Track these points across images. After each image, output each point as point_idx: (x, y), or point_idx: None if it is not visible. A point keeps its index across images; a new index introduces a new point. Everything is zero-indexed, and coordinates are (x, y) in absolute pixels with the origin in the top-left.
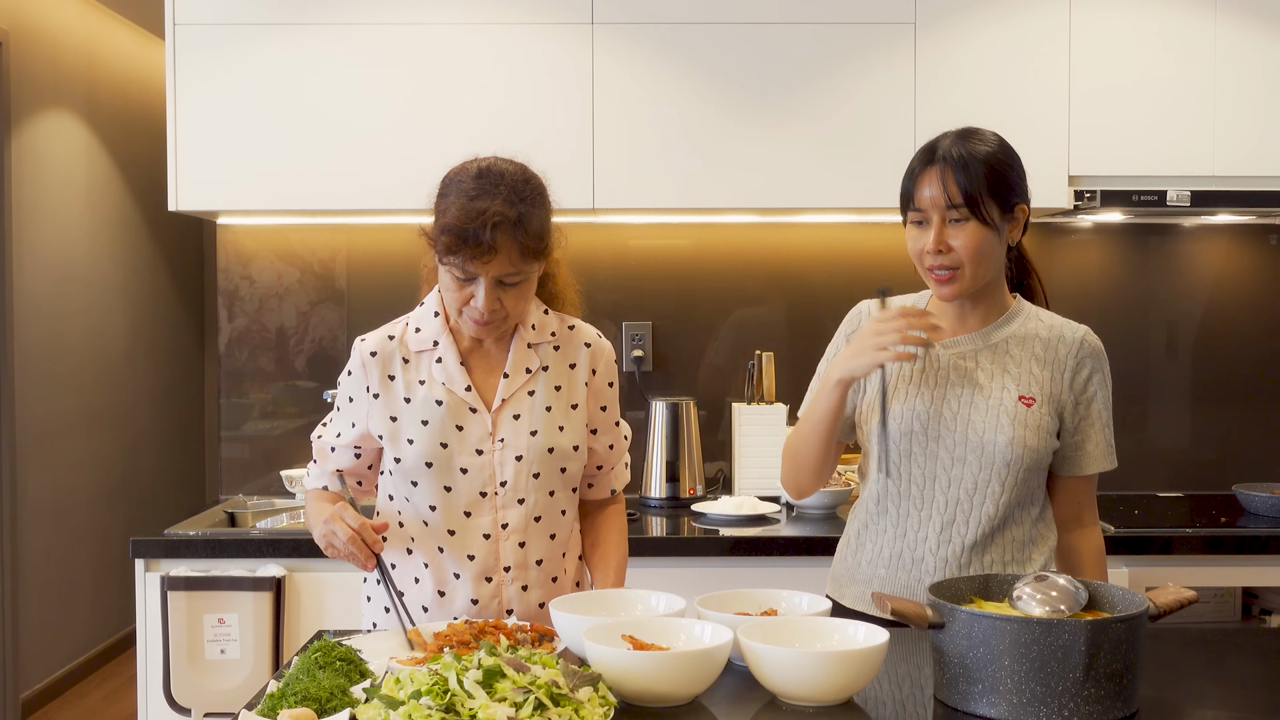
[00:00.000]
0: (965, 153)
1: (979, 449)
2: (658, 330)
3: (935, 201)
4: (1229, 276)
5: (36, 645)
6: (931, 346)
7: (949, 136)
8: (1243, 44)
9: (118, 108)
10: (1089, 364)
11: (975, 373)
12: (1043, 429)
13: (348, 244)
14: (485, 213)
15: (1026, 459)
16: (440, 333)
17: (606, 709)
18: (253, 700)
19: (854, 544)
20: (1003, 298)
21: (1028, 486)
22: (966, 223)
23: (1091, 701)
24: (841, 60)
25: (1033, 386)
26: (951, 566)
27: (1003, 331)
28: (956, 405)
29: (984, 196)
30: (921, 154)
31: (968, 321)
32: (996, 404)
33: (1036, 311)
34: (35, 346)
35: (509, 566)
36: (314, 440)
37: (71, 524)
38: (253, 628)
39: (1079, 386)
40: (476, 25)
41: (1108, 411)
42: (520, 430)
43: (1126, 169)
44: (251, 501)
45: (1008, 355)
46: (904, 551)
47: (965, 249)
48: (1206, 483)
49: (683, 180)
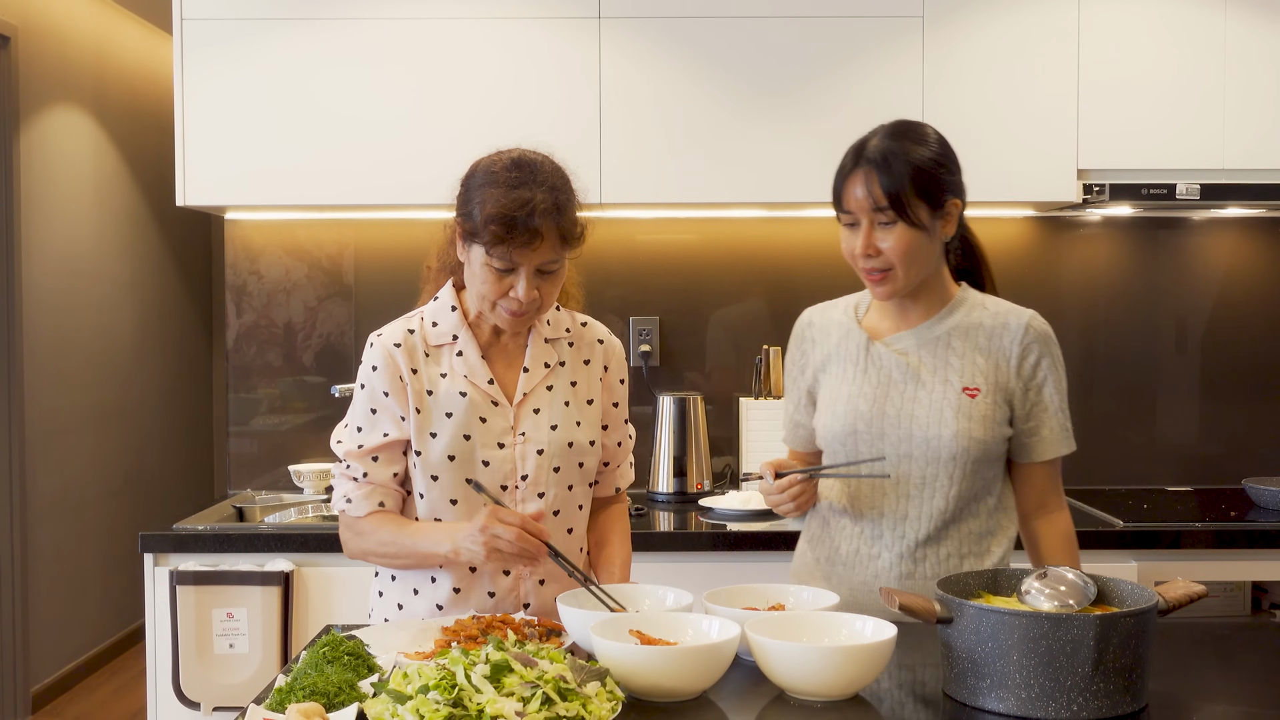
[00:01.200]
0: (891, 154)
1: (924, 444)
2: (665, 325)
3: (862, 204)
4: (1238, 270)
5: (46, 639)
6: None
7: (877, 135)
8: (1252, 36)
9: (126, 103)
10: (1036, 349)
11: (918, 368)
12: (989, 420)
13: (355, 239)
14: (531, 201)
15: (974, 451)
16: (459, 327)
17: (614, 704)
18: (261, 694)
19: (814, 542)
20: (944, 290)
21: (980, 478)
22: (894, 225)
23: (1100, 696)
24: (849, 55)
25: (977, 377)
26: (907, 561)
27: (945, 324)
28: (900, 402)
29: (910, 198)
30: (850, 153)
31: (909, 317)
32: (940, 398)
33: (982, 299)
34: (44, 342)
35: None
36: (349, 453)
37: (80, 519)
38: (261, 622)
39: (1027, 373)
40: (483, 20)
41: (1061, 396)
42: (541, 424)
43: (1135, 162)
44: (260, 496)
45: (950, 348)
46: (860, 549)
47: (894, 251)
48: (1215, 477)
49: (689, 175)
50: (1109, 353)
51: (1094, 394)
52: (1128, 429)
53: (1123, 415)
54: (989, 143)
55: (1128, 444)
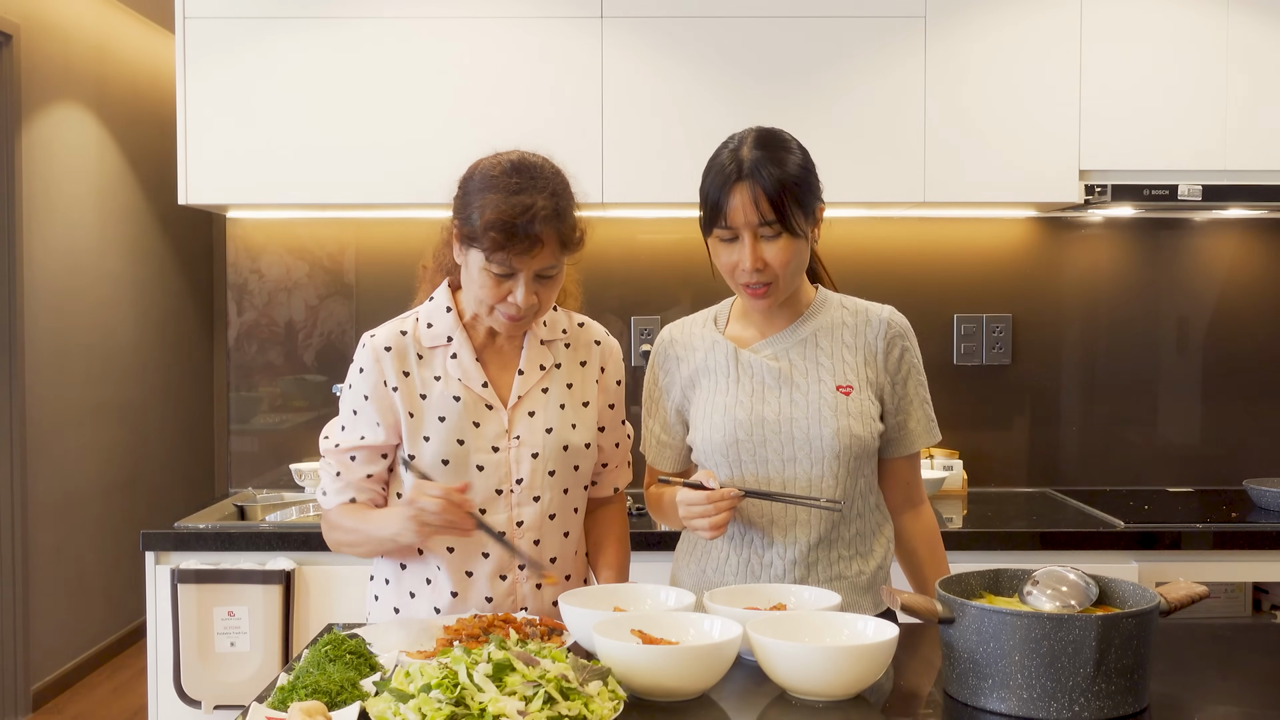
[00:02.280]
0: (767, 164)
1: (806, 445)
2: (666, 325)
3: (747, 220)
4: (1240, 271)
5: (47, 637)
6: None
7: (747, 145)
8: (1255, 37)
9: (128, 102)
10: (899, 343)
11: (790, 371)
12: (865, 415)
13: (356, 238)
14: (531, 207)
15: (855, 448)
16: (454, 328)
17: (616, 703)
18: (263, 693)
19: (696, 554)
20: (805, 291)
21: (861, 476)
22: (778, 238)
23: (1102, 697)
24: (851, 54)
25: (848, 374)
26: (800, 567)
27: (810, 325)
28: (777, 406)
29: (793, 208)
30: (725, 166)
31: (774, 322)
32: (816, 398)
33: (840, 299)
34: (45, 340)
35: (523, 564)
36: (328, 450)
37: (81, 517)
38: (262, 621)
39: (893, 366)
40: (486, 19)
41: (924, 387)
42: (536, 427)
43: (1138, 163)
44: (261, 495)
45: (818, 347)
46: (750, 558)
47: (779, 263)
48: (1217, 478)
49: (692, 174)
50: (1110, 353)
51: (1095, 395)
52: (1129, 429)
53: (1124, 416)
54: (991, 143)
55: (1129, 444)
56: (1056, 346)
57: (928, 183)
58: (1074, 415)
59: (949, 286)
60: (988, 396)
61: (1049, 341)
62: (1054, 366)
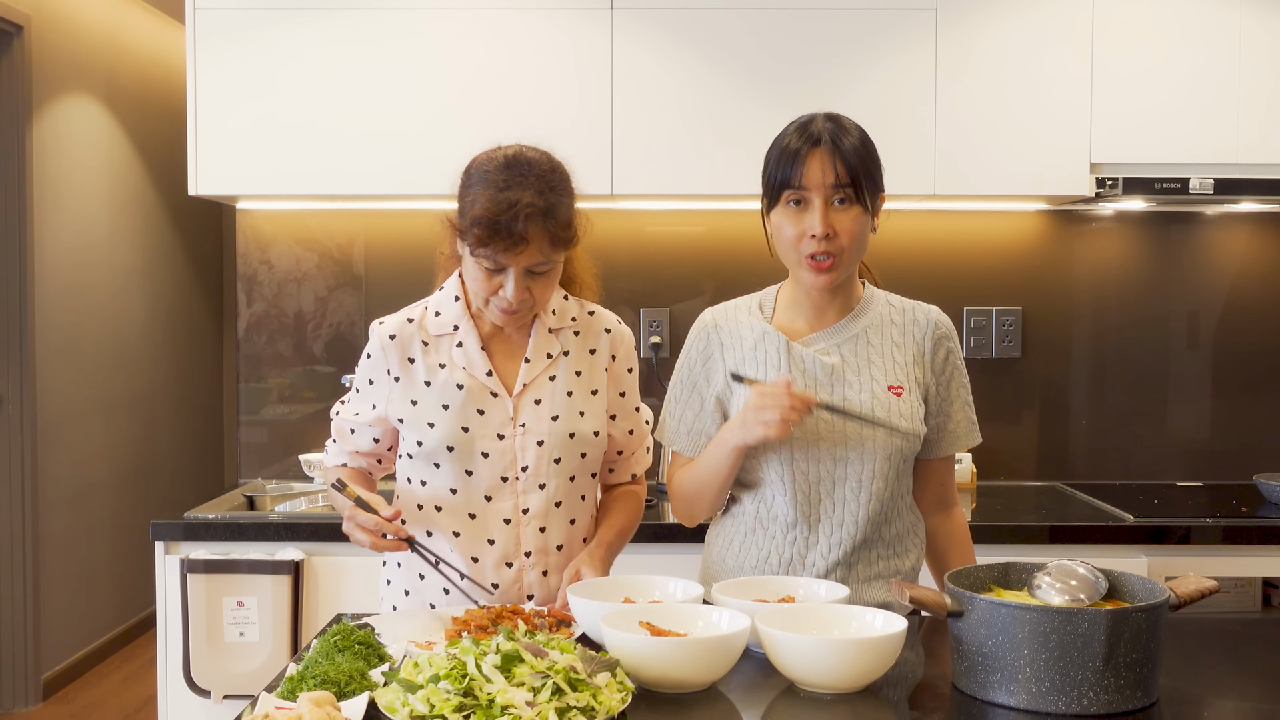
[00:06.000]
0: (844, 135)
1: (859, 445)
2: (675, 317)
3: (825, 180)
4: (1251, 265)
5: (57, 627)
6: (810, 413)
7: (820, 119)
8: (1267, 30)
9: (138, 93)
10: (945, 344)
11: (842, 368)
12: (914, 417)
13: (366, 229)
14: (517, 204)
15: (905, 450)
16: (461, 317)
17: (624, 694)
18: (272, 683)
19: (734, 549)
20: (856, 287)
21: (904, 478)
22: (851, 207)
23: (1111, 691)
24: (862, 46)
25: (899, 374)
26: (842, 567)
27: (861, 321)
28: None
29: (865, 181)
30: (797, 135)
31: (826, 315)
32: (869, 398)
33: (885, 296)
34: (55, 331)
35: (529, 551)
36: (333, 417)
37: (91, 507)
38: (271, 611)
39: (939, 367)
40: (496, 10)
41: (966, 389)
42: (542, 415)
43: (1149, 156)
44: (270, 485)
45: (869, 345)
46: (794, 559)
47: (847, 234)
48: (1227, 472)
49: (701, 166)
50: (1121, 347)
51: (1105, 389)
52: (1139, 424)
53: (1134, 410)
54: (1002, 136)
55: (1139, 439)
56: (1066, 340)
57: (938, 175)
58: (1084, 409)
59: (959, 279)
60: (997, 390)
61: (1059, 335)
62: (1064, 360)
